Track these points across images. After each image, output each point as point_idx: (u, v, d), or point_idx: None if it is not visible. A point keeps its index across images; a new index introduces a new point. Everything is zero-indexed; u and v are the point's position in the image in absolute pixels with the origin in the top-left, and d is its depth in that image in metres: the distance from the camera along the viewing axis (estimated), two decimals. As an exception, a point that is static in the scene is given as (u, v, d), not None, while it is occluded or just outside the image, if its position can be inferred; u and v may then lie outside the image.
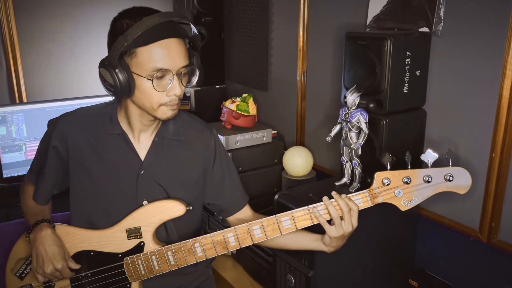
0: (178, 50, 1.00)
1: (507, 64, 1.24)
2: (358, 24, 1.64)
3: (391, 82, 1.33)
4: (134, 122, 1.11)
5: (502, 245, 1.34)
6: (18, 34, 2.02)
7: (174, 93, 1.02)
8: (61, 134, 1.13)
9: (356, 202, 1.04)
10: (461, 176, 1.01)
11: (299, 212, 1.05)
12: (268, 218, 1.06)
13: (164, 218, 1.11)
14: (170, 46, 0.99)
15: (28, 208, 1.20)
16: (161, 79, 1.00)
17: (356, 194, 1.05)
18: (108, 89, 1.02)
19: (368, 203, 1.05)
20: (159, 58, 0.98)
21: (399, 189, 1.03)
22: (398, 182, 1.02)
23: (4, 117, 1.84)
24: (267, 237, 1.07)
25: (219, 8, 2.33)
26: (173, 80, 1.01)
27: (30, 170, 1.24)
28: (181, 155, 1.17)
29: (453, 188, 1.02)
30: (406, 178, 1.02)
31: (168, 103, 1.03)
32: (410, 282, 1.52)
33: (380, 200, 1.04)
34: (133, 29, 0.94)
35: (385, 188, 1.03)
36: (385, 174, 1.03)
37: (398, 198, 1.03)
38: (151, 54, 0.97)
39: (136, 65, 0.99)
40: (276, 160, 1.97)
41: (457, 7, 1.35)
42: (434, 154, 1.01)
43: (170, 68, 1.00)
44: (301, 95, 1.97)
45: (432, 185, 1.02)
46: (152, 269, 1.12)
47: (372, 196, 1.04)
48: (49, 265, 1.08)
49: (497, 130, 1.29)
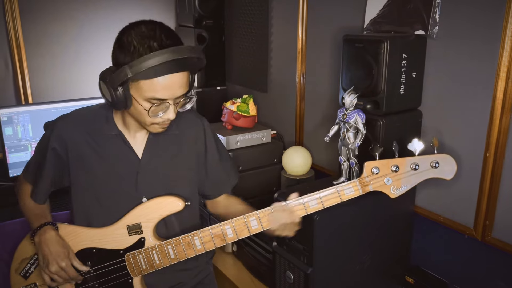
0: (180, 82, 1.00)
1: (500, 66, 1.26)
2: (355, 27, 1.65)
3: (388, 84, 1.34)
4: (129, 123, 1.13)
5: (496, 243, 1.35)
6: (24, 37, 2.04)
7: (168, 117, 1.04)
8: (60, 136, 1.14)
9: (347, 191, 1.07)
10: (447, 162, 1.05)
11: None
12: (264, 209, 1.09)
13: (164, 214, 1.14)
14: (173, 79, 0.99)
15: (28, 209, 1.21)
16: (157, 106, 1.02)
17: (347, 183, 1.08)
18: (106, 101, 1.05)
19: (359, 192, 1.08)
20: (160, 89, 0.98)
21: (388, 177, 1.06)
22: (386, 171, 1.06)
23: (10, 117, 1.86)
24: (263, 228, 1.09)
25: (220, 11, 2.34)
26: (169, 108, 1.03)
27: (27, 169, 1.24)
28: (176, 149, 1.19)
29: (440, 174, 1.05)
30: (394, 167, 1.05)
31: (161, 123, 1.06)
32: (406, 279, 1.54)
33: (370, 189, 1.07)
34: (139, 63, 0.94)
35: (375, 177, 1.06)
36: (374, 163, 1.06)
37: (387, 186, 1.06)
38: (153, 86, 0.98)
39: (136, 89, 1.00)
40: (276, 160, 1.99)
41: (452, 10, 1.36)
42: (420, 143, 1.05)
43: (168, 98, 1.01)
44: (300, 96, 1.99)
45: (419, 172, 1.05)
46: (153, 264, 1.14)
47: (363, 184, 1.07)
48: (54, 264, 1.09)
49: (491, 131, 1.31)
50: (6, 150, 1.88)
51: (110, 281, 1.16)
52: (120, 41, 1.00)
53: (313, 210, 1.09)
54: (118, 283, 1.16)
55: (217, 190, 1.29)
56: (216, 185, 1.28)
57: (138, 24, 1.01)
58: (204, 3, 2.27)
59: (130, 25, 1.01)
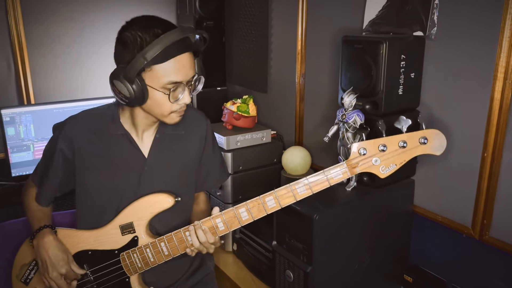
0: (190, 62, 1.04)
1: (498, 66, 1.26)
2: (354, 28, 1.66)
3: (387, 84, 1.35)
4: (138, 123, 1.14)
5: (493, 242, 1.36)
6: (26, 37, 2.05)
7: (184, 102, 1.06)
8: (67, 137, 1.15)
9: (335, 174, 1.04)
10: (436, 138, 1.00)
11: (281, 190, 1.06)
12: (253, 199, 1.08)
13: (154, 211, 1.14)
14: (184, 61, 1.02)
15: (31, 211, 1.20)
16: (174, 91, 1.04)
17: (334, 166, 1.04)
18: (121, 100, 1.04)
19: (347, 174, 1.04)
20: (174, 72, 1.01)
21: (376, 157, 1.02)
22: (374, 151, 1.02)
23: (12, 118, 1.87)
24: (253, 218, 1.08)
25: (220, 13, 2.35)
26: (185, 91, 1.05)
27: (35, 172, 1.24)
28: (182, 149, 1.20)
29: (429, 149, 1.01)
30: (382, 146, 1.01)
31: (178, 110, 1.08)
32: (405, 277, 1.54)
33: (358, 171, 1.03)
34: (152, 47, 0.96)
35: (362, 158, 1.02)
36: (361, 145, 1.02)
37: (376, 166, 1.03)
38: (167, 69, 1.00)
39: (151, 78, 1.01)
40: (275, 160, 2.00)
41: (450, 11, 1.37)
42: (407, 120, 1.03)
43: (183, 80, 1.03)
44: (300, 97, 1.99)
45: (408, 149, 1.01)
46: (148, 261, 1.14)
47: (351, 166, 1.04)
48: (54, 271, 1.09)
49: (488, 131, 1.31)
50: (8, 150, 1.89)
51: (107, 281, 1.16)
52: (123, 39, 1.01)
53: (302, 196, 1.06)
54: (115, 283, 1.16)
55: (200, 186, 1.30)
56: (202, 181, 1.29)
57: (134, 20, 1.03)
58: (205, 4, 2.28)
59: (127, 24, 1.03)
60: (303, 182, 1.05)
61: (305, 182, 1.04)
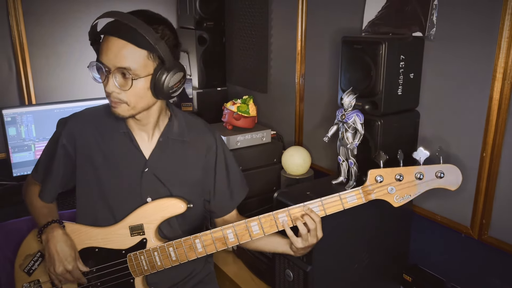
0: (117, 50, 1.00)
1: (497, 67, 1.27)
2: (354, 29, 1.66)
3: (386, 85, 1.35)
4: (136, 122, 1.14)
5: (492, 241, 1.36)
6: (27, 37, 2.05)
7: (106, 89, 1.04)
8: (70, 132, 1.16)
9: (349, 199, 1.06)
10: (452, 173, 1.02)
11: (296, 209, 1.07)
12: (265, 215, 1.08)
13: (166, 215, 1.13)
14: (109, 43, 1.00)
15: (36, 208, 1.21)
16: (102, 74, 1.04)
17: (350, 191, 1.06)
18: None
19: (362, 200, 1.06)
20: (101, 52, 1.02)
21: (392, 186, 1.04)
22: (390, 179, 1.04)
23: (14, 118, 1.88)
24: (265, 233, 1.08)
25: (220, 13, 2.36)
26: (108, 78, 1.02)
27: (36, 169, 1.24)
28: (184, 155, 1.20)
29: (444, 184, 1.03)
30: (399, 175, 1.03)
31: (111, 99, 1.05)
32: (404, 277, 1.55)
33: (373, 197, 1.05)
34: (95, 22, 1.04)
35: (378, 185, 1.04)
36: (378, 172, 1.04)
37: (391, 195, 1.05)
38: (100, 47, 1.03)
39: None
40: (275, 160, 2.00)
41: (449, 12, 1.37)
42: (426, 152, 1.02)
43: (106, 63, 1.01)
44: (299, 97, 2.00)
45: (424, 182, 1.03)
46: (155, 265, 1.14)
47: (366, 193, 1.05)
48: (60, 266, 1.09)
49: (487, 131, 1.32)
50: (9, 150, 1.90)
51: (111, 280, 1.17)
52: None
53: None
54: (119, 283, 1.17)
55: (221, 209, 1.28)
56: (221, 203, 1.27)
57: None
58: (205, 5, 2.29)
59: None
60: (317, 202, 1.06)
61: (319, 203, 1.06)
